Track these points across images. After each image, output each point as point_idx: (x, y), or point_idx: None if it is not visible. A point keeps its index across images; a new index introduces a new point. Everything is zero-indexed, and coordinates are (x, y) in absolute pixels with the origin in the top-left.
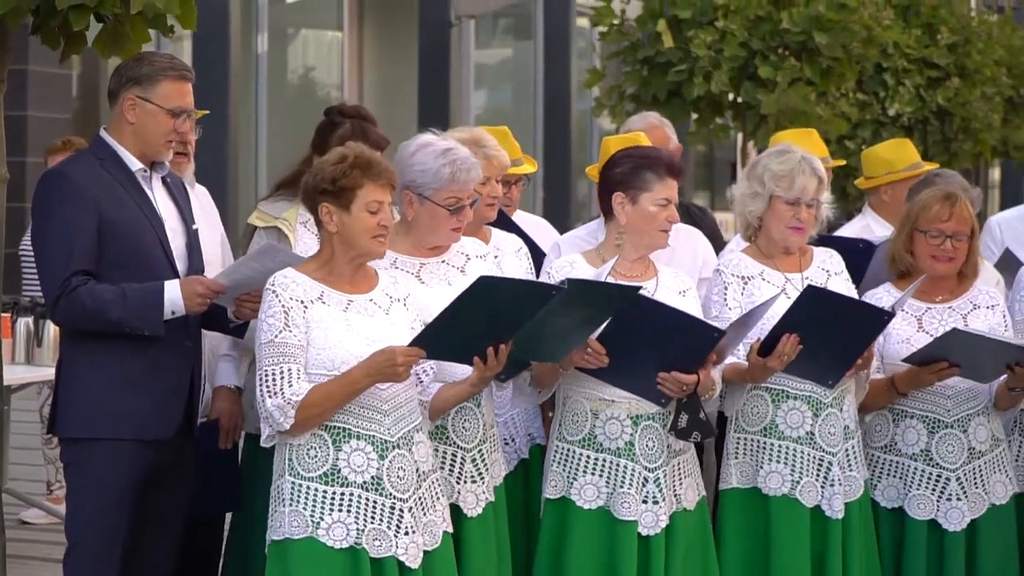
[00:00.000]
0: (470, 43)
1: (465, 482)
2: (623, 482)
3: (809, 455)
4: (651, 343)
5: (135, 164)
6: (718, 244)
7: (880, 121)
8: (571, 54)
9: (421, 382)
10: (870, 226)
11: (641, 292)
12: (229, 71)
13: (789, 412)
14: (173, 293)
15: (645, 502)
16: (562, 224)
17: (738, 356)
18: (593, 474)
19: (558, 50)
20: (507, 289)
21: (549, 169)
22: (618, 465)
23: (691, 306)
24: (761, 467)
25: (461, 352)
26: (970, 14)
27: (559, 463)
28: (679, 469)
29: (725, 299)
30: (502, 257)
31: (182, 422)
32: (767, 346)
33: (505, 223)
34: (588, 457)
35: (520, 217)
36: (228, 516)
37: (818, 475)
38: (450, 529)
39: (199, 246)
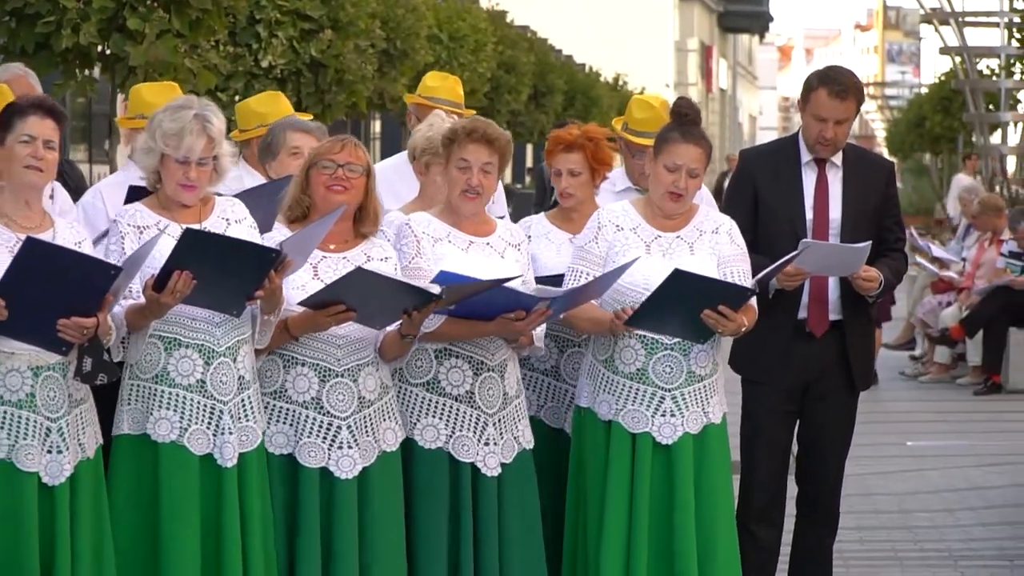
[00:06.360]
0: None
1: None
2: (26, 434)
3: (199, 403)
4: (48, 289)
5: None
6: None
7: (253, 73)
8: None
9: None
10: (241, 177)
11: (36, 237)
12: None
13: (180, 360)
14: None
15: (50, 452)
16: None
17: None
18: None
19: None
20: None
21: None
22: (19, 417)
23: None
24: (151, 413)
25: None
26: None
27: None
28: (81, 418)
29: (123, 248)
30: None
31: None
32: (160, 282)
33: None
34: None
35: None
36: None
37: (209, 423)
38: None
39: None
